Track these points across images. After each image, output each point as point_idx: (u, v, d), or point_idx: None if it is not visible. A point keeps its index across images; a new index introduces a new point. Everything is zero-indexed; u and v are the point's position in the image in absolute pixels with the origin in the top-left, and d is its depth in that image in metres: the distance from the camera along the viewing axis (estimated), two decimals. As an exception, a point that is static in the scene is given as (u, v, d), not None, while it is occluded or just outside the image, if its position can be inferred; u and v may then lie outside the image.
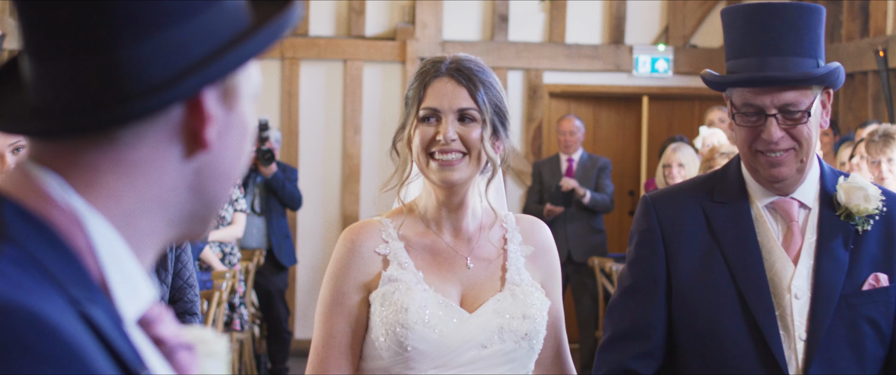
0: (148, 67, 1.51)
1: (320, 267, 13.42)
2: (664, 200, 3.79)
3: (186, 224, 1.63)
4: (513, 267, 3.54)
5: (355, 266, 3.47)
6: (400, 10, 13.56)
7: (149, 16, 1.50)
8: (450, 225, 3.54)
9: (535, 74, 13.68)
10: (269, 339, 11.96)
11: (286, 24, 1.60)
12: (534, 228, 3.66)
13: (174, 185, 1.58)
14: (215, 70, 1.53)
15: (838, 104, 12.47)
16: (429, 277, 3.46)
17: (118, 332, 1.48)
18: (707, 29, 14.02)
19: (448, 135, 3.39)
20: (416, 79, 3.52)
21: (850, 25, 12.24)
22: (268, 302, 11.80)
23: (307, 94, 13.52)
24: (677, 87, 14.02)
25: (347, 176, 13.47)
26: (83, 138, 1.53)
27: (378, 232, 3.51)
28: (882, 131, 7.96)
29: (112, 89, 1.50)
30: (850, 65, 11.97)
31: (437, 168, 3.41)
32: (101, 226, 1.53)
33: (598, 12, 13.95)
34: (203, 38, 1.54)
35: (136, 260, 1.57)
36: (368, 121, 13.41)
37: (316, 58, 13.45)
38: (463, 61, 3.49)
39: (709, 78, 3.69)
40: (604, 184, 12.31)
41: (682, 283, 3.67)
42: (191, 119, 1.56)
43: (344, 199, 13.45)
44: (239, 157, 1.65)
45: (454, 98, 3.43)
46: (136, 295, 1.56)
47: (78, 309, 1.44)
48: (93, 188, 1.53)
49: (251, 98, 1.66)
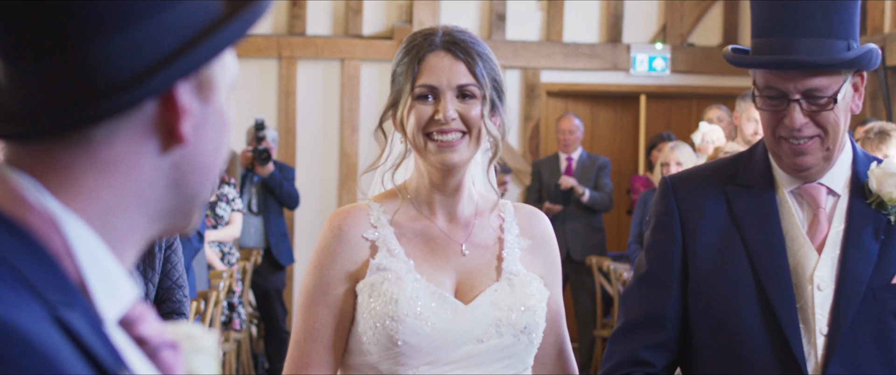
0: (118, 64, 1.49)
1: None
2: (684, 182, 3.57)
3: (168, 218, 1.62)
4: (509, 257, 3.32)
5: (341, 253, 3.24)
6: (397, 9, 13.56)
7: (118, 12, 1.49)
8: (444, 210, 3.32)
9: (533, 73, 13.68)
10: (266, 339, 11.96)
11: (258, 13, 1.58)
12: (533, 219, 3.45)
13: (152, 181, 1.57)
14: (187, 63, 1.51)
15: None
16: (421, 265, 3.24)
17: (96, 335, 1.47)
18: (704, 27, 14.02)
19: (448, 113, 3.17)
20: (406, 53, 3.28)
21: (848, 23, 12.21)
22: (265, 301, 11.80)
23: (304, 94, 13.52)
24: (675, 86, 14.01)
25: (345, 175, 13.47)
26: (57, 139, 1.52)
27: (366, 217, 3.28)
28: (878, 129, 7.95)
29: (83, 88, 1.49)
30: (847, 64, 11.95)
31: (436, 149, 3.18)
32: (79, 227, 1.52)
33: (596, 11, 13.95)
34: (174, 32, 1.52)
35: (115, 260, 1.55)
36: (366, 121, 13.40)
37: (313, 57, 13.45)
38: (456, 33, 3.28)
39: (730, 57, 3.45)
40: (603, 183, 12.31)
41: (699, 269, 3.46)
42: (165, 113, 1.55)
43: (341, 198, 13.44)
44: (218, 150, 1.63)
45: (452, 73, 3.21)
46: (117, 294, 1.55)
47: (53, 314, 1.42)
48: (69, 189, 1.52)
49: (228, 89, 1.64)
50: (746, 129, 9.67)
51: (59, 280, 1.47)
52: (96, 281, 1.52)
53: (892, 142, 7.73)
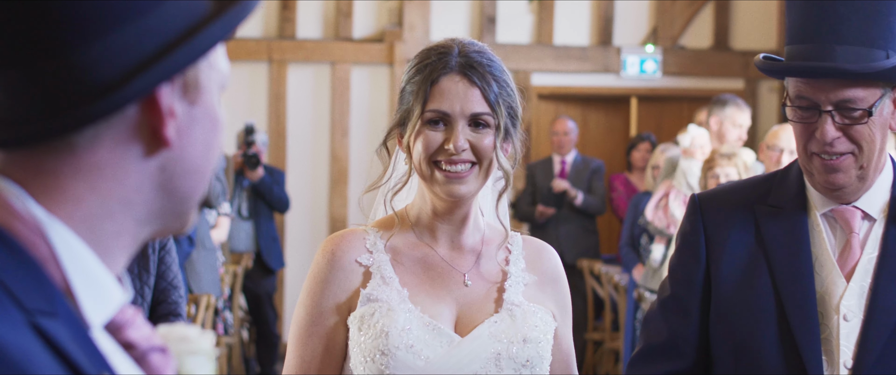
0: (98, 70, 1.49)
1: (308, 269, 13.38)
2: (713, 201, 3.37)
3: (159, 221, 1.61)
4: (511, 289, 3.11)
5: (335, 281, 3.07)
6: (387, 11, 13.55)
7: (98, 18, 1.49)
8: (448, 238, 3.12)
9: (524, 76, 13.67)
10: (257, 343, 11.95)
11: (240, 15, 1.57)
12: (542, 254, 3.24)
13: (138, 185, 1.56)
14: (167, 66, 1.51)
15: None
16: (417, 295, 3.04)
17: (78, 340, 1.46)
18: (695, 30, 14.02)
19: (459, 143, 2.97)
20: (417, 72, 3.05)
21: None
22: (256, 305, 11.79)
23: (295, 97, 13.50)
24: (665, 89, 14.01)
25: (336, 179, 13.45)
26: (41, 146, 1.52)
27: (361, 241, 3.11)
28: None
29: (63, 95, 1.49)
30: (838, 66, 11.95)
31: (444, 180, 2.99)
32: (64, 233, 1.52)
33: (586, 13, 13.95)
34: (155, 35, 1.52)
35: (102, 265, 1.55)
36: (357, 124, 13.39)
37: (304, 60, 13.43)
38: (473, 54, 3.04)
39: (760, 64, 3.22)
40: (596, 186, 12.31)
41: (721, 293, 3.27)
42: (148, 117, 1.54)
43: (332, 202, 13.42)
44: (208, 151, 1.62)
45: (466, 100, 3.00)
46: (104, 299, 1.55)
47: (31, 321, 1.42)
48: (54, 195, 1.52)
49: (218, 90, 1.63)
50: (730, 134, 9.65)
51: (42, 286, 1.47)
52: (82, 286, 1.52)
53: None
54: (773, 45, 13.75)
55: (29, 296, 1.44)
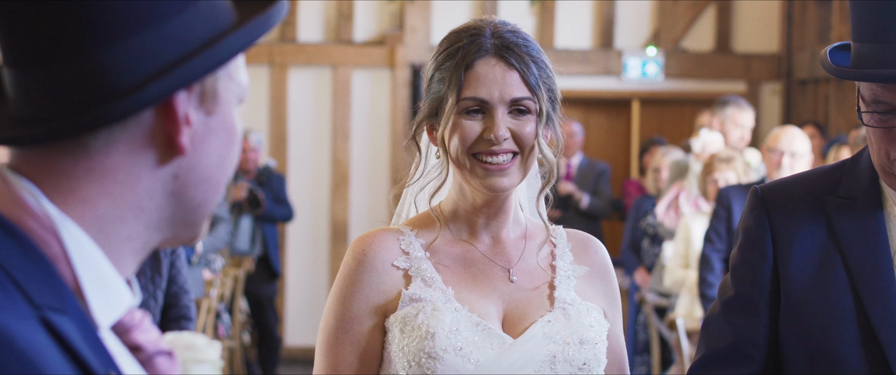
0: (116, 73, 1.50)
1: (310, 273, 13.39)
2: (777, 193, 3.13)
3: (171, 228, 1.62)
4: (563, 285, 2.90)
5: (368, 284, 2.84)
6: (389, 15, 13.54)
7: (119, 21, 1.50)
8: (488, 233, 2.92)
9: (525, 79, 13.64)
10: (259, 346, 11.94)
11: (262, 27, 1.58)
12: (588, 246, 3.04)
13: (150, 191, 1.57)
14: (184, 74, 1.51)
15: (829, 106, 12.46)
16: (461, 293, 2.83)
17: (86, 339, 1.48)
18: (697, 32, 14.00)
19: (500, 133, 2.76)
20: (448, 57, 2.83)
21: (840, 28, 12.22)
22: (258, 308, 11.79)
23: (296, 100, 13.49)
24: (668, 92, 13.99)
25: (337, 182, 13.44)
26: (57, 146, 1.53)
27: (396, 242, 2.88)
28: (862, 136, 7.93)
29: (81, 96, 1.51)
30: (840, 68, 11.94)
31: (484, 173, 2.78)
32: (76, 233, 1.53)
33: (588, 16, 13.93)
34: (175, 42, 1.53)
35: (112, 267, 1.56)
36: (358, 127, 13.38)
37: (305, 63, 13.42)
38: (507, 34, 2.85)
39: (829, 67, 3.00)
40: (602, 189, 12.28)
41: (793, 293, 3.03)
42: (164, 124, 1.55)
43: (333, 206, 13.42)
44: (223, 162, 1.63)
45: (505, 85, 2.78)
46: (113, 301, 1.56)
47: (41, 317, 1.44)
48: (66, 195, 1.53)
49: (236, 101, 1.64)
50: (732, 135, 9.65)
51: (52, 283, 1.48)
52: (91, 286, 1.53)
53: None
54: (775, 48, 13.74)
55: (39, 292, 1.46)
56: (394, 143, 13.32)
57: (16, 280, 1.45)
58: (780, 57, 13.70)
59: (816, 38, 12.85)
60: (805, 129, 9.57)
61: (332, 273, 13.33)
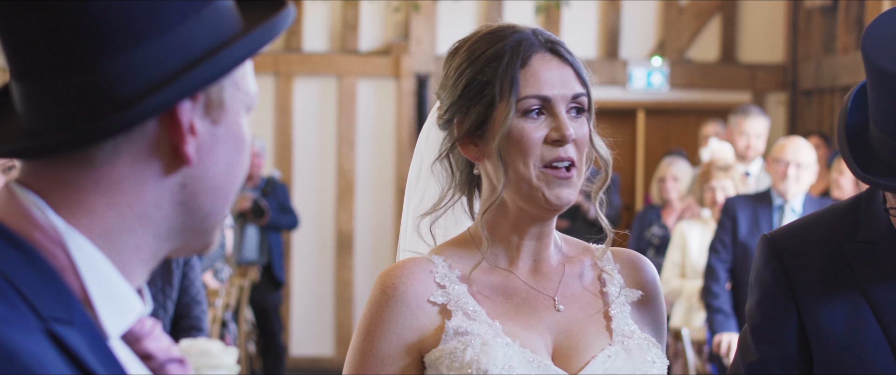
0: (119, 83, 1.51)
1: (315, 283, 13.39)
2: (791, 241, 2.90)
3: (180, 237, 1.62)
4: (619, 314, 2.63)
5: (399, 320, 2.55)
6: (394, 25, 13.54)
7: (122, 33, 1.51)
8: (529, 257, 2.63)
9: (530, 89, 13.65)
10: (264, 355, 11.94)
11: (265, 36, 1.58)
12: (638, 266, 2.76)
13: (157, 201, 1.57)
14: (186, 84, 1.52)
15: (834, 117, 12.44)
16: (508, 327, 2.55)
17: (95, 349, 1.48)
18: (703, 42, 13.99)
19: (569, 130, 2.51)
20: (495, 56, 2.54)
21: (846, 38, 12.22)
22: (263, 317, 11.80)
23: (301, 110, 13.49)
24: (673, 102, 13.98)
25: (342, 192, 13.44)
26: (63, 158, 1.54)
27: (429, 275, 2.59)
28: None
29: (84, 108, 1.52)
30: (845, 78, 11.95)
31: (556, 182, 2.51)
32: (83, 245, 1.53)
33: (593, 26, 13.93)
34: (178, 52, 1.53)
35: (121, 277, 1.56)
36: (363, 137, 13.38)
37: (310, 73, 13.43)
38: (542, 31, 2.62)
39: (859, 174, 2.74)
40: (611, 199, 12.27)
41: (824, 348, 2.81)
42: (168, 134, 1.55)
43: (339, 216, 13.41)
44: (231, 170, 1.63)
45: (565, 81, 2.55)
46: (123, 310, 1.57)
47: (46, 329, 1.45)
48: (73, 208, 1.54)
49: (245, 110, 1.64)
50: (738, 143, 9.65)
51: (60, 295, 1.49)
52: (100, 296, 1.54)
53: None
54: (780, 58, 13.73)
55: (45, 304, 1.46)
56: (399, 153, 13.32)
57: (22, 292, 1.46)
58: (785, 67, 13.69)
59: (822, 48, 12.85)
60: (810, 140, 9.56)
61: (337, 283, 13.33)
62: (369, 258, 13.40)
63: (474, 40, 2.62)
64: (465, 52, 2.61)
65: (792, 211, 7.96)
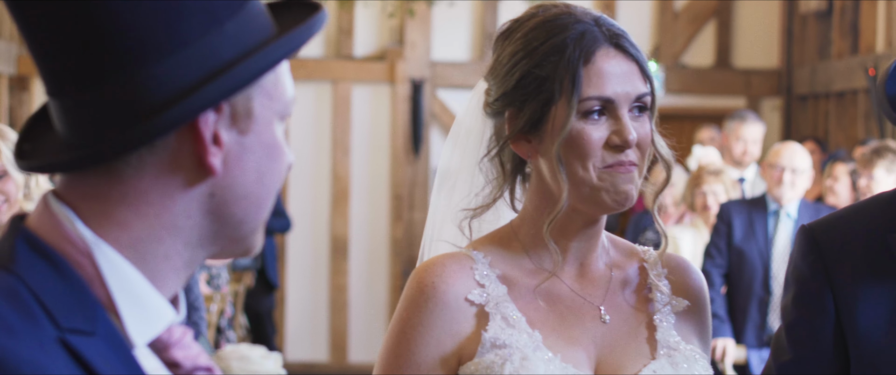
0: (141, 99, 1.55)
1: (310, 288, 13.37)
2: (832, 233, 2.70)
3: (215, 244, 1.66)
4: (664, 324, 2.46)
5: (439, 324, 2.37)
6: (389, 30, 13.53)
7: (143, 48, 1.54)
8: (575, 261, 2.45)
9: (525, 94, 13.64)
10: (258, 361, 11.94)
11: (282, 49, 1.61)
12: (687, 272, 2.57)
13: (186, 210, 1.61)
14: (204, 96, 1.55)
15: (829, 122, 12.45)
16: (549, 338, 2.36)
17: (116, 359, 1.53)
18: (698, 48, 13.99)
19: (632, 135, 2.34)
20: (553, 50, 2.34)
21: (841, 43, 12.22)
22: (257, 322, 11.78)
23: (296, 115, 13.47)
24: (668, 107, 13.96)
25: (337, 197, 13.42)
26: (93, 171, 1.59)
27: (468, 271, 2.40)
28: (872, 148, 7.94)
29: (108, 123, 1.56)
30: (840, 83, 11.95)
31: (614, 182, 2.34)
32: (111, 255, 1.58)
33: (588, 32, 13.91)
34: (198, 64, 1.56)
35: (151, 286, 1.60)
36: (358, 143, 13.37)
37: (305, 79, 13.41)
38: (606, 19, 2.41)
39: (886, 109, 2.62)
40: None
41: (864, 350, 2.62)
42: (193, 145, 1.58)
43: (334, 221, 13.40)
44: (263, 178, 1.65)
45: (629, 80, 2.37)
46: (150, 319, 1.60)
47: (60, 339, 1.49)
48: (102, 218, 1.59)
49: (278, 118, 1.66)
50: (735, 149, 9.66)
51: (85, 305, 1.54)
52: (126, 305, 1.58)
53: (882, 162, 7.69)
54: (775, 63, 13.73)
55: (66, 315, 1.51)
56: (394, 158, 13.31)
57: (43, 303, 1.50)
58: (780, 72, 13.69)
59: (816, 53, 12.85)
60: (805, 145, 9.57)
61: (332, 288, 13.32)
62: (364, 263, 13.38)
63: (531, 27, 2.40)
64: (521, 40, 2.40)
65: (787, 216, 7.97)
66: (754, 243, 7.91)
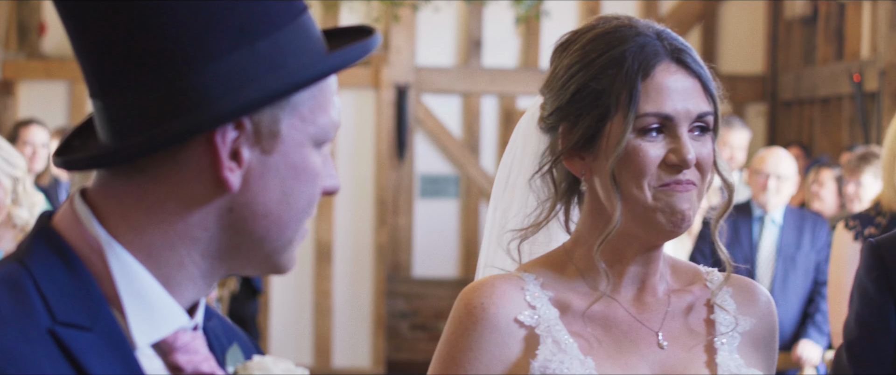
0: (160, 107, 1.59)
1: (294, 294, 13.34)
2: None
3: (235, 259, 1.68)
4: (725, 349, 2.32)
5: (488, 349, 2.24)
6: (373, 35, 13.50)
7: (171, 59, 1.58)
8: (632, 284, 2.32)
9: (510, 100, 13.63)
10: (242, 367, 11.90)
11: (300, 75, 1.62)
12: (754, 293, 2.43)
13: (203, 223, 1.63)
14: (215, 111, 1.57)
15: (813, 128, 12.46)
16: (603, 366, 2.24)
17: (110, 356, 1.56)
18: (682, 53, 13.99)
19: (690, 155, 2.21)
20: (611, 62, 2.24)
21: (825, 49, 12.23)
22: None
23: (280, 120, 13.45)
24: (652, 112, 13.99)
25: (321, 203, 13.27)
26: (117, 174, 1.63)
27: (519, 292, 2.28)
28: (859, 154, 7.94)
29: (125, 127, 1.60)
30: (825, 89, 11.95)
31: (669, 203, 2.20)
32: (123, 256, 1.61)
33: (573, 37, 13.90)
34: (219, 80, 1.59)
35: (163, 289, 1.63)
36: (342, 148, 13.34)
37: (289, 83, 13.39)
38: (668, 33, 2.33)
39: None
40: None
41: None
42: (211, 160, 1.61)
43: (318, 227, 13.37)
44: (287, 199, 1.67)
45: (690, 97, 2.26)
46: (157, 321, 1.62)
47: (52, 331, 1.52)
48: (118, 220, 1.62)
49: (310, 141, 1.67)
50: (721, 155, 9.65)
51: (88, 301, 1.57)
52: (133, 305, 1.61)
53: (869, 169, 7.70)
54: (759, 69, 13.74)
55: (66, 308, 1.56)
56: (378, 164, 13.29)
57: (44, 295, 1.55)
58: (764, 78, 13.70)
59: (801, 59, 12.86)
60: (790, 150, 9.57)
61: (316, 294, 13.29)
62: (348, 268, 13.36)
63: (589, 39, 2.31)
64: (578, 52, 2.31)
65: (772, 222, 7.97)
66: (739, 249, 7.90)
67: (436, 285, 13.45)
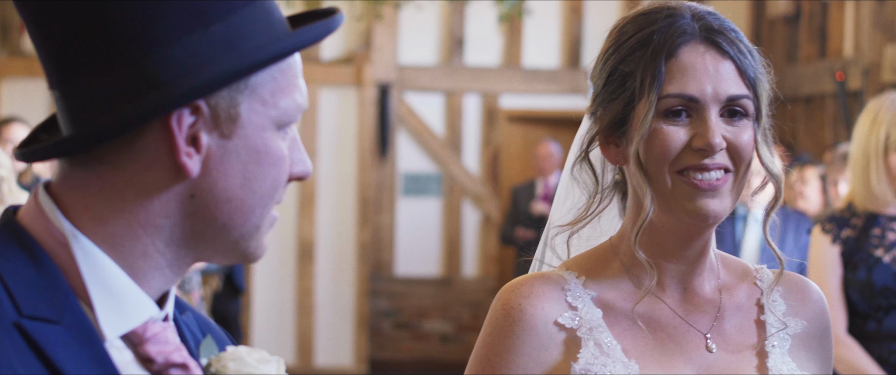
0: (113, 94, 1.57)
1: (276, 292, 13.32)
2: None
3: (200, 247, 1.66)
4: (776, 352, 2.22)
5: (525, 352, 2.16)
6: (356, 33, 13.49)
7: (123, 46, 1.56)
8: (678, 283, 2.22)
9: (492, 98, 13.63)
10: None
11: (262, 54, 1.60)
12: (807, 292, 2.32)
13: (165, 210, 1.62)
14: (167, 94, 1.55)
15: (797, 126, 12.47)
16: (648, 369, 2.15)
17: (78, 349, 1.54)
18: (664, 52, 14.00)
19: (716, 139, 2.09)
20: (639, 43, 2.15)
21: (808, 47, 12.24)
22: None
23: (263, 119, 13.43)
24: (635, 110, 13.99)
25: (304, 201, 13.38)
26: (77, 165, 1.61)
27: (559, 293, 2.19)
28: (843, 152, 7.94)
29: (79, 116, 1.59)
30: (808, 88, 11.96)
31: (691, 193, 2.11)
32: (88, 247, 1.60)
33: (556, 35, 13.91)
34: (171, 65, 1.57)
35: (130, 280, 1.61)
36: (325, 146, 13.32)
37: (271, 82, 13.37)
38: (708, 16, 2.17)
39: None
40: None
41: None
42: (167, 146, 1.59)
43: (301, 225, 13.35)
44: (249, 183, 1.64)
45: (719, 78, 2.12)
46: (126, 312, 1.61)
47: (17, 325, 1.51)
48: (81, 211, 1.61)
49: (272, 124, 1.65)
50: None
51: (54, 294, 1.56)
52: (100, 297, 1.59)
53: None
54: (743, 68, 13.75)
55: (31, 302, 1.54)
56: (361, 162, 13.28)
57: (9, 288, 1.53)
58: (747, 76, 13.71)
59: (784, 58, 12.87)
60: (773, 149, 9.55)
61: (298, 292, 13.28)
62: (330, 267, 13.35)
63: (626, 21, 2.21)
64: (614, 35, 2.23)
65: (756, 221, 7.96)
66: (722, 247, 7.88)
67: (418, 284, 13.44)
